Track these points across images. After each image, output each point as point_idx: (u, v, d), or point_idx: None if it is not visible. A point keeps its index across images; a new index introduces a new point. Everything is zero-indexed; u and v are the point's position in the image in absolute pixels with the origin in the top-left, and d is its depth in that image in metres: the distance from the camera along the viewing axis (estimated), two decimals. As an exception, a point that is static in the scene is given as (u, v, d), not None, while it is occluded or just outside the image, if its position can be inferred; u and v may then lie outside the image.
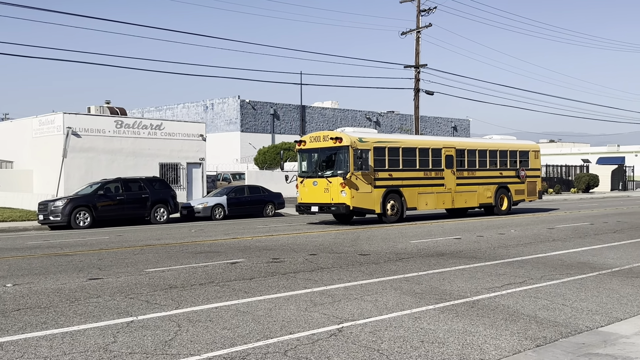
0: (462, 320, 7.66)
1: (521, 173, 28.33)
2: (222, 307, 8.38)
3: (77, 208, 23.20)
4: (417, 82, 38.51)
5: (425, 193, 24.25)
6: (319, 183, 22.56)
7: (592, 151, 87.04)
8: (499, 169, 27.46)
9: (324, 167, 22.86)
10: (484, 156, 26.84)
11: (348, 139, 22.00)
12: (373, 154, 22.49)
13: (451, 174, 25.32)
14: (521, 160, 28.54)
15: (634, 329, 7.30)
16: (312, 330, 7.18)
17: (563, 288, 9.72)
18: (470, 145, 26.85)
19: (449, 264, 12.35)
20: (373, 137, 23.32)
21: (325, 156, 22.95)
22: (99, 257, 13.93)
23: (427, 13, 38.34)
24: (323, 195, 22.37)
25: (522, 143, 29.60)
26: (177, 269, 11.83)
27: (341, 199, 21.80)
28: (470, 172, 26.15)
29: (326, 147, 22.64)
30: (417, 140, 25.56)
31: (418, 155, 24.15)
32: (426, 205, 24.46)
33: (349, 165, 21.76)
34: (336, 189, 21.92)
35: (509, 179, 27.88)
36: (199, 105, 66.71)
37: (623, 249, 14.65)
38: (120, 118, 32.43)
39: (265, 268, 11.89)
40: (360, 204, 22.13)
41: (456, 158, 25.59)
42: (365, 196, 22.23)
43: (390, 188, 22.96)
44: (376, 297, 9.05)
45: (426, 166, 24.44)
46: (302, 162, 23.73)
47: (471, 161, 26.26)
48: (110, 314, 8.04)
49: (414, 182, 23.91)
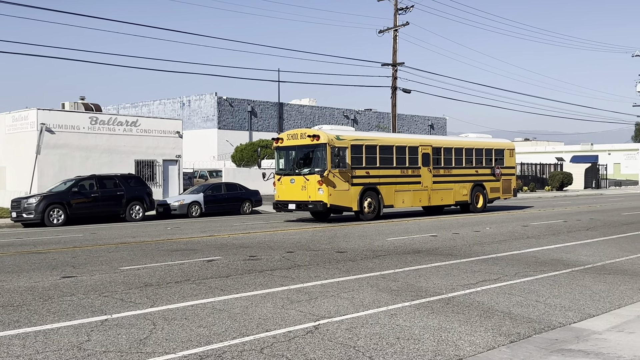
0: (437, 316, 7.72)
1: (496, 171, 28.61)
2: (198, 305, 8.34)
3: (50, 205, 22.91)
4: (395, 80, 38.67)
5: (402, 191, 24.42)
6: (297, 181, 22.56)
7: (566, 150, 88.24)
8: (475, 167, 27.77)
9: (302, 164, 22.88)
10: (460, 154, 27.10)
11: (325, 136, 22.05)
12: (350, 151, 22.59)
13: (428, 171, 25.52)
14: (496, 159, 28.84)
15: (606, 325, 7.42)
16: (289, 327, 7.18)
17: (537, 285, 9.84)
18: (446, 143, 27.17)
19: (425, 261, 12.43)
20: (350, 134, 23.45)
21: (302, 154, 22.97)
22: (73, 255, 13.77)
23: (405, 11, 38.53)
24: (300, 192, 22.42)
25: (497, 141, 29.93)
26: (153, 267, 11.74)
27: (318, 196, 21.90)
28: (446, 170, 26.39)
29: (304, 145, 22.68)
30: (394, 138, 25.79)
31: (395, 153, 24.29)
32: (403, 203, 24.62)
33: (327, 162, 21.84)
34: (313, 186, 21.98)
35: (485, 177, 28.17)
36: (176, 101, 66.25)
37: (596, 246, 14.87)
38: (95, 114, 32.05)
39: (242, 266, 11.86)
40: (338, 202, 22.23)
41: (433, 156, 25.79)
42: (343, 194, 22.33)
43: (367, 186, 23.08)
44: (353, 294, 9.08)
45: (403, 164, 24.60)
46: (279, 159, 23.70)
47: (447, 159, 26.49)
48: (84, 313, 7.95)
49: (391, 180, 24.06)
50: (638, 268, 11.65)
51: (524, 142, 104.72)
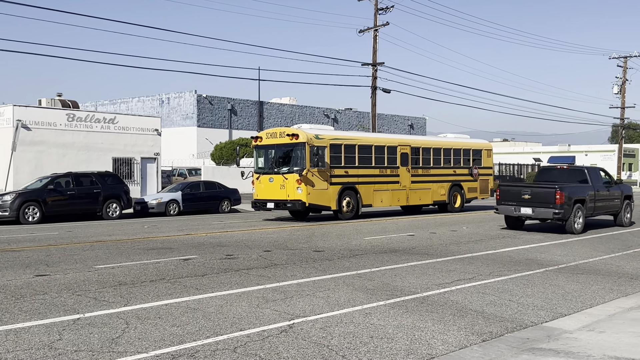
0: (411, 315, 7.76)
1: (474, 171, 28.76)
2: (172, 304, 8.29)
3: (25, 203, 22.61)
4: (375, 80, 38.76)
5: (380, 190, 24.47)
6: (275, 179, 22.51)
7: (543, 150, 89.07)
8: (453, 167, 27.93)
9: (281, 163, 22.79)
10: (439, 154, 27.24)
11: (304, 135, 22.04)
12: (329, 150, 22.59)
13: (406, 171, 25.58)
14: (474, 159, 29.04)
15: (578, 324, 7.52)
16: (263, 326, 7.17)
17: (510, 284, 9.94)
18: (425, 143, 27.27)
19: (401, 260, 12.48)
20: (330, 134, 23.45)
21: (281, 152, 22.90)
22: (47, 253, 13.61)
23: (385, 12, 38.61)
24: (279, 191, 22.38)
25: (475, 142, 30.13)
26: (128, 266, 11.64)
27: (297, 195, 21.88)
28: (424, 170, 26.48)
29: (283, 144, 22.60)
30: (373, 137, 25.80)
31: (374, 152, 24.34)
32: (381, 202, 24.67)
33: (305, 161, 21.81)
34: (292, 185, 21.95)
35: (462, 177, 28.34)
36: (155, 99, 65.77)
37: (570, 246, 15.05)
38: (72, 111, 31.68)
39: (218, 264, 11.81)
40: (316, 201, 22.20)
41: (411, 156, 25.87)
42: (321, 193, 22.31)
43: (346, 185, 23.13)
44: (328, 293, 9.09)
45: (382, 164, 24.64)
46: (258, 158, 23.62)
47: (426, 159, 26.61)
48: (57, 311, 7.87)
49: (370, 180, 24.10)
50: (610, 268, 11.82)
51: (503, 143, 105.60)
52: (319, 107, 71.74)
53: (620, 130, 66.80)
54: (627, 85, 61.89)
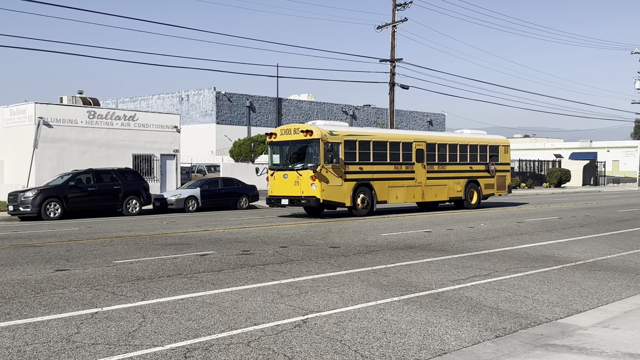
0: (425, 311, 7.78)
1: (491, 167, 28.48)
2: (188, 299, 8.40)
3: (47, 199, 22.94)
4: (393, 76, 38.67)
5: (395, 187, 24.30)
6: (290, 176, 22.48)
7: (565, 146, 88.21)
8: (469, 163, 27.65)
9: (295, 159, 22.76)
10: (454, 150, 26.97)
11: (319, 131, 21.95)
12: (344, 147, 22.50)
13: (422, 167, 25.40)
14: (491, 155, 28.71)
15: (592, 320, 7.48)
16: (277, 321, 7.24)
17: (526, 280, 9.90)
18: (440, 139, 26.99)
19: (417, 256, 12.49)
20: (344, 130, 23.31)
21: (296, 149, 22.82)
22: (67, 248, 13.82)
23: (403, 7, 38.48)
24: (293, 188, 22.34)
25: (492, 138, 29.84)
26: (146, 261, 11.79)
27: (311, 192, 21.80)
28: (440, 166, 26.27)
29: (297, 140, 22.57)
30: (388, 134, 25.57)
31: (389, 149, 24.18)
32: (396, 199, 24.53)
33: (320, 158, 21.75)
34: (306, 181, 21.88)
35: (479, 173, 28.08)
36: (174, 96, 66.21)
37: (588, 243, 14.94)
38: (93, 108, 32.06)
39: (234, 260, 11.91)
40: (331, 197, 22.13)
41: (427, 152, 25.65)
42: (336, 189, 22.23)
43: (360, 181, 22.99)
44: (343, 289, 9.14)
45: (397, 160, 24.51)
46: (272, 154, 23.61)
47: (441, 155, 26.37)
48: (75, 305, 8.01)
49: (385, 176, 23.94)
50: (628, 265, 11.72)
51: (523, 139, 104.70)
52: (337, 104, 71.71)
53: (643, 126, 65.84)
54: (650, 80, 61.01)
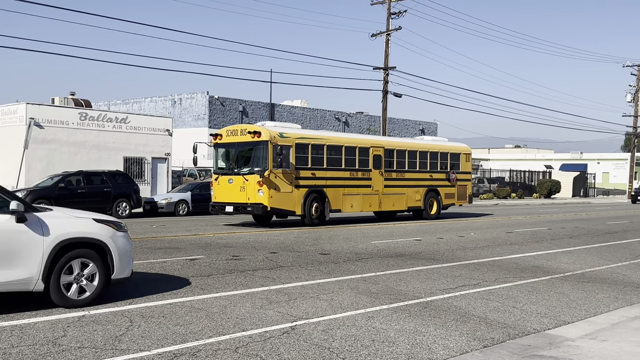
0: (414, 320, 7.77)
1: (452, 176, 27.15)
2: (176, 303, 8.35)
3: (36, 200, 22.78)
4: (386, 84, 38.79)
5: (351, 194, 22.81)
6: (235, 181, 20.73)
7: (555, 157, 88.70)
8: (429, 171, 26.30)
9: (241, 163, 21.02)
10: (414, 157, 25.63)
11: (267, 133, 20.22)
12: (295, 150, 20.91)
13: (379, 174, 23.99)
14: (452, 163, 27.41)
15: (580, 332, 7.50)
16: (265, 327, 7.21)
17: (515, 291, 9.93)
18: (400, 145, 25.66)
19: (407, 264, 12.48)
20: (295, 132, 21.79)
21: (242, 152, 21.05)
22: (56, 250, 13.71)
23: (397, 16, 38.65)
24: (239, 194, 20.62)
25: (453, 145, 28.54)
26: (134, 264, 11.70)
27: (258, 198, 20.08)
28: (399, 174, 24.88)
29: (244, 142, 20.75)
30: (343, 137, 24.34)
31: (344, 154, 22.72)
32: (351, 208, 23.04)
33: (268, 162, 20.03)
34: (253, 187, 20.18)
35: (439, 181, 26.73)
36: (167, 99, 66.09)
37: (577, 254, 15.00)
38: (85, 110, 31.92)
39: (224, 265, 11.87)
40: (280, 205, 20.49)
41: (385, 158, 24.26)
42: (286, 196, 20.60)
43: (313, 188, 21.44)
44: (332, 296, 9.12)
45: (353, 166, 23.03)
46: (218, 157, 21.84)
47: (400, 162, 25.02)
48: (62, 308, 7.95)
49: (339, 183, 22.44)
50: (617, 277, 11.77)
51: (514, 149, 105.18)
52: (330, 110, 71.81)
53: (633, 139, 66.34)
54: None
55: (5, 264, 7.46)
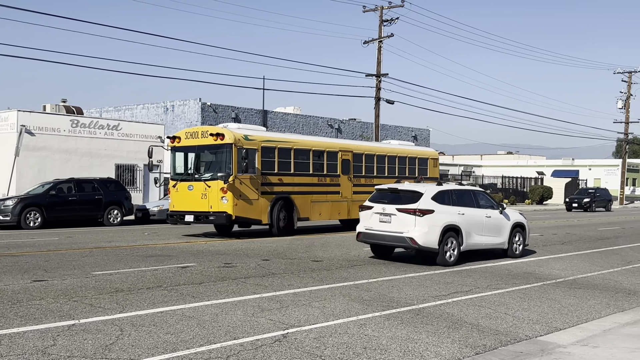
0: (406, 327, 7.76)
1: (420, 182, 26.28)
2: (167, 312, 8.30)
3: (27, 208, 22.67)
4: (378, 90, 38.87)
5: (319, 202, 21.39)
6: (196, 187, 19.00)
7: (547, 164, 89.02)
8: (398, 176, 24.80)
9: (203, 168, 19.44)
10: (383, 162, 24.33)
11: (231, 135, 18.61)
12: (261, 154, 19.38)
13: (348, 180, 22.66)
14: (420, 168, 26.10)
15: (572, 338, 7.51)
16: (257, 335, 7.18)
17: (507, 297, 9.93)
18: (368, 149, 24.30)
19: (399, 271, 12.47)
20: (261, 134, 20.27)
21: (204, 155, 19.51)
22: (46, 258, 13.64)
23: (390, 23, 38.77)
24: (200, 202, 18.86)
25: (421, 150, 27.61)
26: (126, 272, 11.66)
27: (222, 206, 18.42)
28: (368, 179, 23.45)
29: (205, 145, 19.15)
30: (311, 141, 22.62)
31: (312, 158, 21.28)
32: (320, 216, 21.63)
33: (232, 167, 18.40)
34: (216, 194, 18.49)
35: None
36: (159, 106, 65.99)
37: (569, 260, 15.02)
38: (76, 117, 31.82)
39: (215, 273, 11.82)
40: (245, 213, 18.88)
41: (353, 163, 22.94)
42: (251, 204, 19.01)
43: (280, 195, 19.94)
44: (324, 303, 9.10)
45: (321, 171, 21.64)
46: (176, 162, 20.04)
47: (369, 167, 23.72)
48: (52, 317, 7.89)
49: (307, 189, 20.97)
50: (608, 283, 11.80)
51: (507, 156, 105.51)
52: (323, 117, 71.85)
53: (624, 145, 66.71)
54: (631, 100, 61.88)
55: (497, 234, 14.92)
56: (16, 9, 22.68)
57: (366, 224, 14.23)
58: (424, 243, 13.24)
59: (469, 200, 14.57)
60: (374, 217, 14.01)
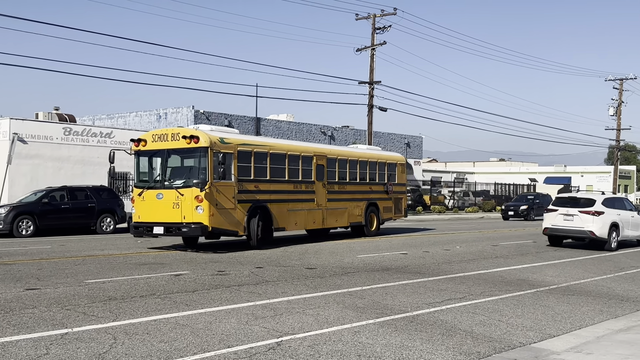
0: (400, 334, 7.76)
1: (389, 188, 24.59)
2: (161, 320, 8.28)
3: (20, 216, 22.56)
4: (371, 98, 38.98)
5: (295, 210, 19.60)
6: (166, 196, 16.93)
7: (539, 171, 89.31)
8: (369, 183, 23.60)
9: (174, 174, 17.32)
10: (355, 167, 22.82)
11: (207, 138, 16.74)
12: (237, 159, 17.47)
13: (322, 187, 20.88)
14: (389, 174, 24.83)
15: (566, 345, 7.53)
16: (251, 343, 7.16)
17: (501, 304, 9.95)
18: (341, 154, 22.68)
19: (393, 278, 12.47)
20: (237, 137, 18.44)
21: (174, 160, 17.55)
22: (38, 267, 13.58)
23: (382, 31, 38.94)
24: (171, 212, 16.78)
25: (389, 154, 26.35)
26: (119, 281, 11.62)
27: (197, 217, 16.42)
28: (340, 186, 21.87)
29: (177, 149, 17.18)
30: (286, 144, 20.93)
31: (288, 163, 19.47)
32: (296, 225, 19.84)
33: (208, 172, 16.54)
34: (190, 204, 16.49)
35: (378, 194, 24.00)
36: (152, 114, 65.88)
37: (562, 267, 15.08)
38: (69, 125, 31.76)
39: (209, 280, 11.80)
40: (221, 224, 16.91)
41: (327, 168, 21.25)
42: (228, 214, 17.07)
43: (256, 204, 18.02)
44: (318, 310, 9.09)
45: (296, 177, 19.82)
46: (141, 167, 18.18)
47: (342, 172, 22.11)
48: (45, 326, 7.85)
49: (284, 197, 19.20)
50: (601, 290, 11.85)
51: (499, 162, 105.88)
52: (316, 124, 71.93)
53: (616, 152, 67.08)
54: (622, 107, 62.24)
55: (637, 229, 20.90)
56: (7, 17, 22.65)
57: (551, 222, 20.23)
58: (600, 235, 19.29)
59: (620, 205, 20.77)
60: (559, 217, 19.99)
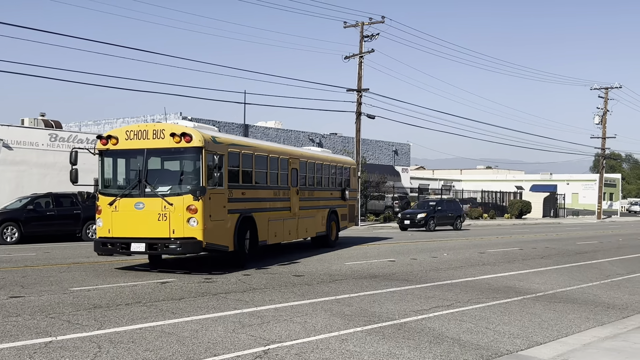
0: (388, 342, 7.73)
1: (346, 194, 22.80)
2: (146, 328, 8.20)
3: (4, 223, 22.35)
4: (359, 105, 39.06)
5: (274, 220, 17.46)
6: (148, 205, 13.72)
7: (526, 178, 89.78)
8: (330, 188, 21.82)
9: (157, 179, 14.16)
10: (320, 172, 20.98)
11: (200, 137, 13.81)
12: (227, 161, 14.91)
13: (296, 193, 18.94)
14: (345, 179, 23.26)
15: (552, 352, 7.53)
16: (237, 352, 7.11)
17: (488, 311, 9.96)
18: (311, 157, 20.68)
19: (380, 286, 12.45)
20: (226, 137, 16.02)
21: (155, 162, 14.48)
22: (23, 274, 13.43)
23: (370, 39, 39.05)
24: (156, 225, 13.59)
25: (342, 158, 24.92)
26: (104, 288, 11.51)
27: (189, 231, 13.46)
28: (310, 193, 20.03)
29: (161, 149, 14.00)
30: (268, 146, 18.48)
31: (269, 166, 17.33)
32: (275, 237, 17.62)
33: (202, 177, 13.72)
34: (181, 215, 13.47)
35: (337, 201, 22.22)
36: (139, 120, 65.56)
37: (548, 274, 15.13)
38: (55, 131, 31.54)
39: (196, 288, 11.71)
40: (215, 239, 14.12)
41: (300, 173, 19.26)
42: (220, 226, 14.37)
43: (244, 213, 15.50)
44: (305, 318, 9.04)
45: (275, 182, 17.80)
46: (107, 171, 14.97)
47: (311, 178, 20.23)
48: (29, 334, 7.75)
49: (266, 205, 17.07)
50: (587, 297, 11.89)
51: (486, 170, 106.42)
52: (304, 132, 71.95)
53: (602, 160, 67.62)
54: (608, 115, 62.86)
55: None
56: (-5, 22, 22.48)
57: None
58: None
59: None
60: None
